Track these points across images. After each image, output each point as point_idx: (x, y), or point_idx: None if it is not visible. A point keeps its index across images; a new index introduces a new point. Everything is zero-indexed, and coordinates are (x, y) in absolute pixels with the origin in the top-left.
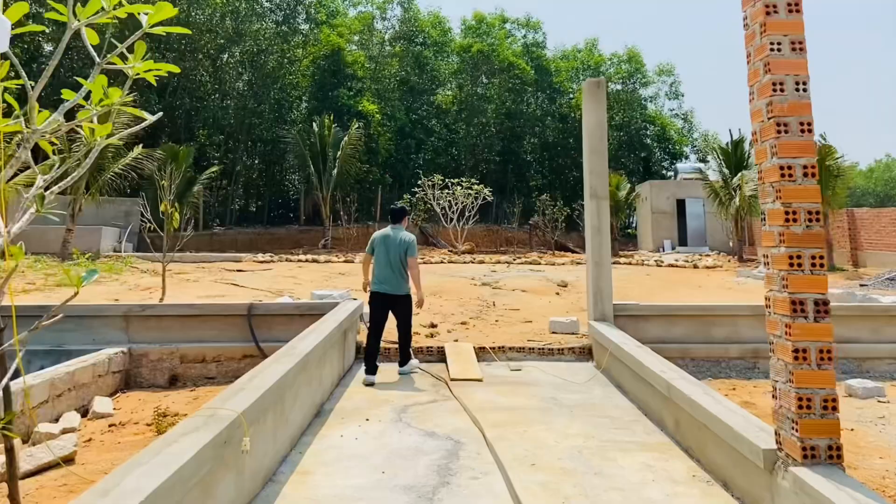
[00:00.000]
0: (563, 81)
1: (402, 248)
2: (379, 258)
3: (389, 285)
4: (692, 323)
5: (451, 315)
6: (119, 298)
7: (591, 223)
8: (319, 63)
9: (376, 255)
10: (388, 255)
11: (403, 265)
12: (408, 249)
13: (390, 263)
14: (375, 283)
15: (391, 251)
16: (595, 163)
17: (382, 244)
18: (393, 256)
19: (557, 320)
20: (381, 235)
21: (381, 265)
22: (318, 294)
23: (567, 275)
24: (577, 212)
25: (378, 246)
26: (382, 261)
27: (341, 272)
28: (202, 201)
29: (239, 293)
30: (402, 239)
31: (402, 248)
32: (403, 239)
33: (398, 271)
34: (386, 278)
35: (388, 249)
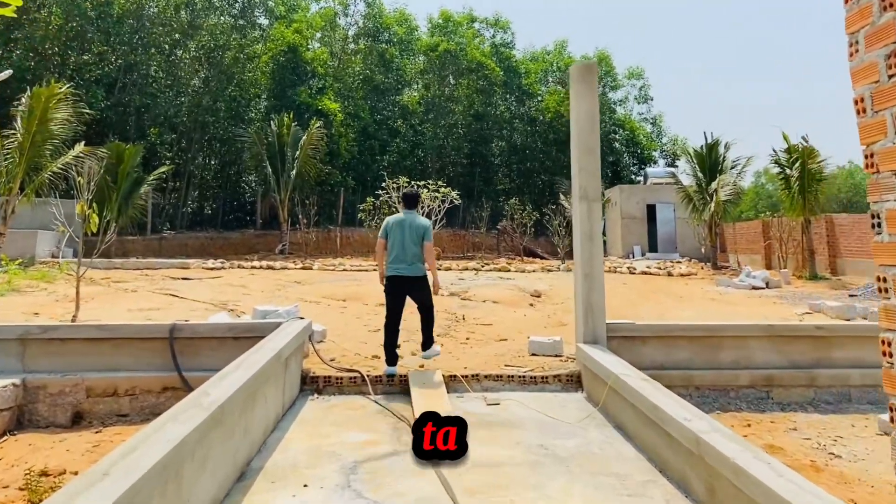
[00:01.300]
0: (532, 83)
1: (418, 232)
2: (394, 242)
3: (405, 268)
4: (696, 345)
5: (416, 332)
6: (40, 312)
7: (581, 229)
8: (279, 59)
9: (391, 238)
10: (404, 239)
11: (419, 249)
12: (424, 234)
13: (406, 247)
14: (390, 268)
15: (406, 235)
16: (586, 160)
17: (398, 227)
18: (408, 240)
19: (538, 340)
20: (396, 220)
21: (396, 248)
22: (261, 310)
23: (539, 283)
24: (546, 216)
25: (392, 229)
26: (398, 244)
27: (297, 280)
28: (151, 203)
29: (177, 306)
30: (418, 223)
31: (419, 232)
32: (419, 223)
33: (414, 254)
34: (401, 261)
35: (404, 233)
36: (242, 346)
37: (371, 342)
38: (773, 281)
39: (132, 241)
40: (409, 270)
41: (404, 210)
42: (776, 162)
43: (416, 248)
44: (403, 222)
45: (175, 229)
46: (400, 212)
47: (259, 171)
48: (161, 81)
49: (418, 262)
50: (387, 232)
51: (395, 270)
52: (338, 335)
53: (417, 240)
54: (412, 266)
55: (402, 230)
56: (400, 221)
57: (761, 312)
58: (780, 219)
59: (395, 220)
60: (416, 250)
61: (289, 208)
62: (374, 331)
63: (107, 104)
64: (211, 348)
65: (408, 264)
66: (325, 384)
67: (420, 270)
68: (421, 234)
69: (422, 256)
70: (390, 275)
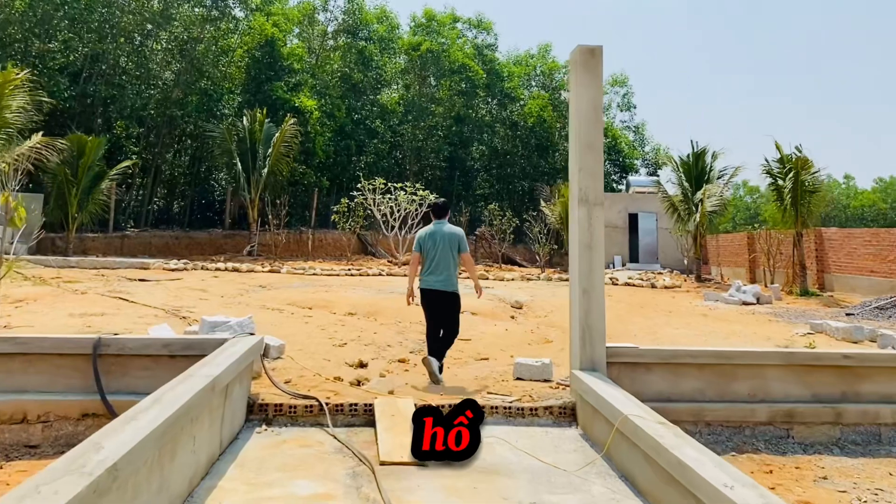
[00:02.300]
0: (515, 87)
1: (453, 243)
2: (429, 255)
3: (441, 282)
4: (707, 374)
5: (388, 348)
6: None
7: (579, 237)
8: (254, 54)
9: (426, 252)
10: (438, 252)
11: (454, 261)
12: (460, 244)
13: (441, 260)
14: (424, 280)
15: (441, 247)
16: (587, 158)
17: (431, 240)
18: (443, 252)
19: (525, 363)
20: (428, 232)
21: (430, 262)
22: (210, 322)
23: (520, 293)
24: (527, 223)
25: (426, 242)
26: (432, 257)
27: (262, 284)
28: (114, 199)
29: (125, 311)
30: (453, 233)
31: (454, 243)
32: (454, 233)
33: (448, 268)
34: (435, 274)
35: (438, 245)
36: (179, 365)
37: (335, 359)
38: (763, 296)
39: (92, 238)
40: (443, 285)
41: (434, 221)
42: (768, 172)
43: (451, 260)
44: (435, 234)
45: (139, 227)
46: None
47: (229, 169)
48: (130, 73)
49: (453, 277)
50: (420, 246)
51: (428, 284)
52: (298, 350)
53: (452, 252)
54: (446, 281)
55: (434, 242)
56: (432, 233)
57: (759, 332)
58: (767, 231)
59: (427, 232)
60: (450, 263)
61: (259, 208)
62: (340, 345)
63: (71, 94)
64: (143, 368)
65: (442, 279)
66: (275, 413)
67: (453, 286)
68: (456, 244)
69: (456, 270)
70: (424, 287)
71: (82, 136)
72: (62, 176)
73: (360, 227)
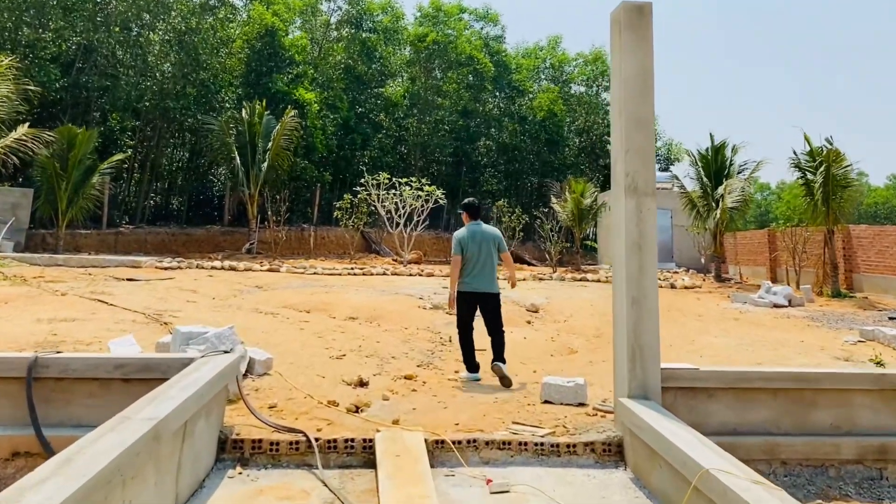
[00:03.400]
0: (523, 81)
1: (494, 243)
2: (471, 257)
3: (487, 284)
4: (781, 401)
5: (392, 360)
6: None
7: (626, 235)
8: (254, 45)
9: (469, 255)
10: (481, 253)
11: (495, 261)
12: (500, 244)
13: (485, 262)
14: (468, 284)
15: (483, 248)
16: (635, 137)
17: (472, 241)
18: (485, 253)
19: (554, 383)
20: (469, 233)
21: (473, 264)
22: (184, 332)
23: (534, 295)
24: (537, 220)
25: (469, 244)
26: (475, 259)
27: (259, 285)
28: (108, 195)
29: (100, 316)
30: (493, 233)
31: (495, 243)
32: (494, 233)
33: (492, 269)
34: (483, 277)
35: (481, 246)
36: (135, 391)
37: (331, 375)
38: (795, 298)
39: (85, 235)
40: (489, 286)
41: (471, 222)
42: (797, 166)
43: (494, 261)
44: (476, 235)
45: (134, 224)
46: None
47: (228, 163)
48: (126, 63)
49: (495, 276)
50: (462, 247)
51: (474, 286)
52: (289, 363)
53: (494, 252)
54: (492, 282)
55: (476, 244)
56: (472, 234)
57: (807, 340)
58: (792, 228)
59: (467, 233)
60: (493, 264)
61: (259, 204)
62: (338, 357)
63: (64, 85)
64: (90, 394)
65: (488, 280)
66: (254, 451)
67: (497, 286)
68: (496, 244)
69: (496, 269)
70: (469, 291)
71: (72, 127)
72: (51, 170)
73: (363, 223)
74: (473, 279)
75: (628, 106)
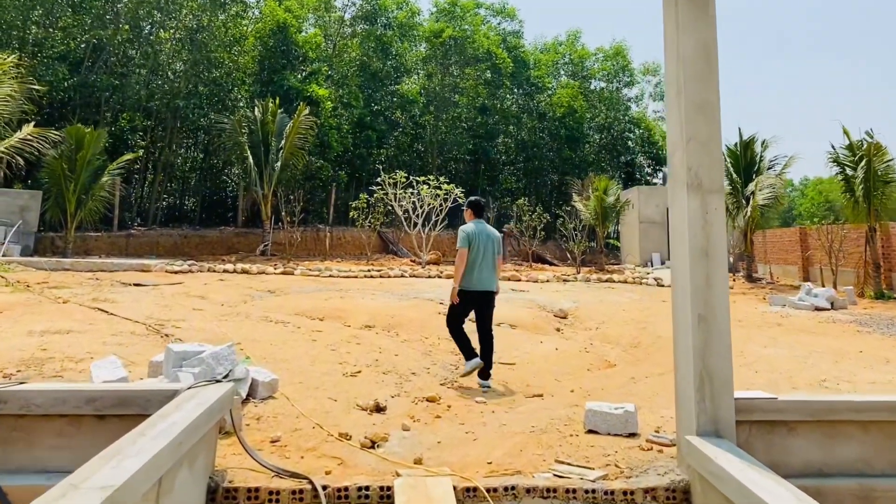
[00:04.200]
0: (542, 76)
1: (496, 245)
2: (478, 255)
3: (490, 282)
4: (873, 435)
5: (412, 377)
6: None
7: (690, 241)
8: (267, 42)
9: (475, 251)
10: (486, 251)
11: (496, 261)
12: (499, 246)
13: (490, 259)
14: (476, 281)
15: (488, 248)
16: (697, 123)
17: (479, 239)
18: (489, 252)
19: (600, 410)
20: (478, 230)
21: (478, 262)
22: (178, 351)
23: (560, 298)
24: (560, 219)
25: (475, 241)
26: (481, 258)
27: (271, 289)
28: (119, 196)
29: (98, 327)
30: (496, 234)
31: (497, 244)
32: (496, 234)
33: (494, 267)
34: (487, 275)
35: (486, 246)
36: (111, 430)
37: (344, 397)
38: (838, 300)
39: (95, 237)
40: (491, 285)
41: (476, 219)
42: (835, 161)
43: (495, 260)
44: (482, 233)
45: (147, 225)
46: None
47: (241, 163)
48: (136, 62)
49: (496, 276)
50: (470, 241)
51: (479, 284)
52: (297, 384)
53: (495, 252)
54: (494, 281)
55: (482, 242)
56: (480, 232)
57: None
58: (827, 226)
59: (476, 230)
60: (495, 263)
61: (273, 204)
62: (352, 374)
63: (72, 84)
64: (58, 434)
65: (491, 278)
66: (250, 500)
67: (497, 285)
68: (498, 245)
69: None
70: (473, 289)
71: (81, 127)
72: (59, 171)
73: (380, 223)
74: (479, 276)
75: (689, 88)
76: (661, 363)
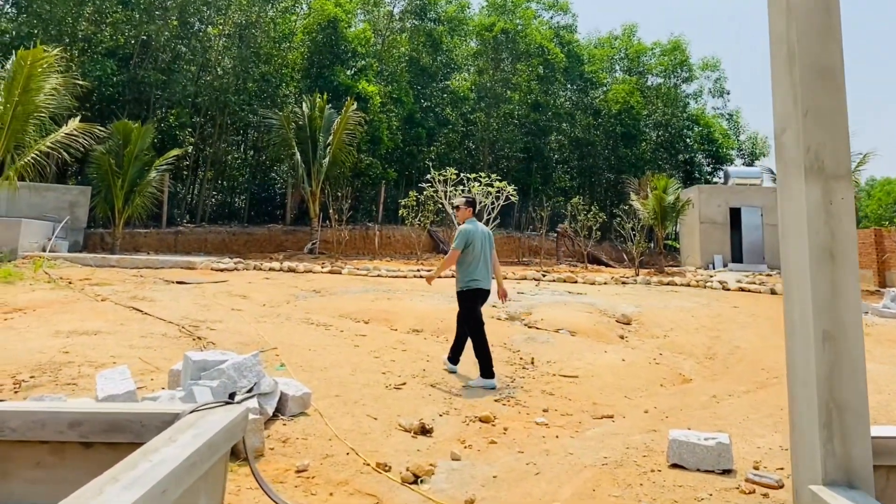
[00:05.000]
0: (596, 72)
1: (491, 242)
2: (477, 254)
3: (489, 280)
4: None
5: (462, 390)
6: None
7: (810, 239)
8: (316, 37)
9: (474, 251)
10: (484, 249)
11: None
12: (492, 242)
13: (488, 259)
14: (479, 281)
15: (486, 246)
16: (816, 92)
17: (477, 238)
18: (487, 251)
19: (686, 441)
20: (475, 230)
21: (479, 260)
22: (198, 361)
23: (620, 302)
24: (617, 218)
25: (476, 241)
26: (481, 256)
27: (317, 289)
28: (167, 192)
29: (129, 327)
30: (489, 231)
31: (491, 242)
32: (489, 231)
33: (490, 266)
34: (487, 273)
35: (483, 243)
36: (98, 460)
37: (386, 414)
38: None
39: (144, 234)
40: (489, 283)
41: (472, 217)
42: None
43: (491, 256)
44: (477, 232)
45: (195, 222)
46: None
47: (289, 160)
48: (184, 57)
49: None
50: (467, 243)
51: (482, 283)
52: (333, 397)
53: (491, 250)
54: (489, 278)
55: (480, 241)
56: (478, 231)
57: None
58: None
59: (473, 230)
60: (491, 260)
61: (320, 202)
62: (396, 386)
63: (121, 79)
64: (36, 464)
65: (490, 276)
66: None
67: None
68: (492, 242)
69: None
70: (479, 287)
71: (128, 122)
72: (106, 166)
73: (430, 222)
74: (481, 276)
75: (804, 47)
76: (744, 378)
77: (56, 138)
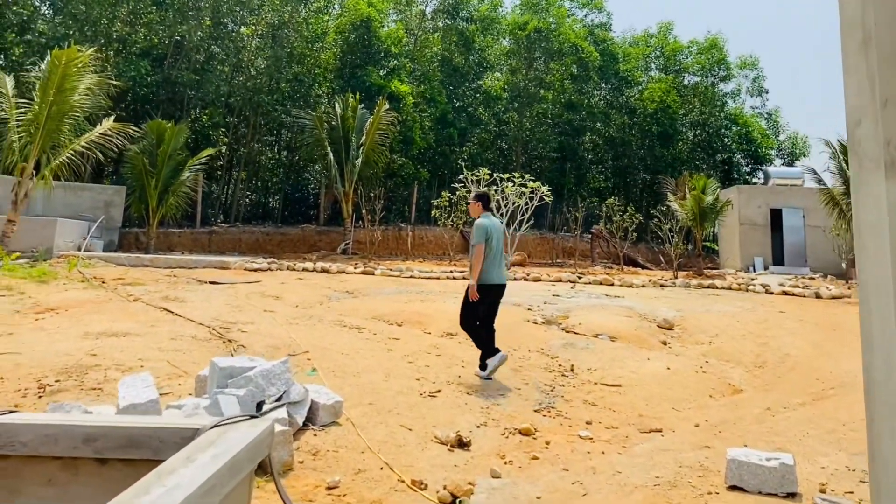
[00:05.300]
0: (631, 70)
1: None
2: (495, 248)
3: (504, 275)
4: None
5: (500, 398)
6: None
7: (893, 240)
8: (347, 36)
9: (492, 245)
10: (499, 245)
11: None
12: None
13: (502, 253)
14: (496, 275)
15: (501, 240)
16: None
17: (494, 232)
18: (501, 246)
19: (746, 461)
20: (492, 224)
21: (498, 256)
22: (225, 367)
23: (660, 305)
24: (654, 219)
25: (493, 234)
26: (497, 251)
27: (350, 290)
28: (200, 192)
29: (159, 329)
30: (502, 226)
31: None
32: (502, 226)
33: (503, 261)
34: (502, 267)
35: (499, 239)
36: (113, 477)
37: (421, 425)
38: None
39: (178, 234)
40: (505, 277)
41: (486, 212)
42: None
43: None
44: (493, 226)
45: (229, 222)
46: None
47: (322, 160)
48: (218, 57)
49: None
50: (488, 236)
51: (498, 278)
52: (367, 405)
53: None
54: (504, 273)
55: (495, 236)
56: (494, 226)
57: None
58: None
59: (490, 224)
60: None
61: (353, 202)
62: (431, 394)
63: (154, 79)
64: (48, 481)
65: (505, 272)
66: None
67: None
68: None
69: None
70: (495, 283)
71: (161, 122)
72: (140, 166)
73: (463, 223)
74: (497, 270)
75: (882, 34)
76: (798, 389)
77: (90, 138)
